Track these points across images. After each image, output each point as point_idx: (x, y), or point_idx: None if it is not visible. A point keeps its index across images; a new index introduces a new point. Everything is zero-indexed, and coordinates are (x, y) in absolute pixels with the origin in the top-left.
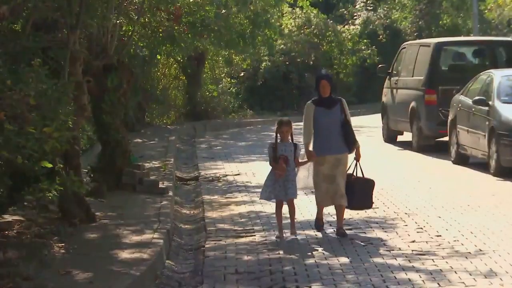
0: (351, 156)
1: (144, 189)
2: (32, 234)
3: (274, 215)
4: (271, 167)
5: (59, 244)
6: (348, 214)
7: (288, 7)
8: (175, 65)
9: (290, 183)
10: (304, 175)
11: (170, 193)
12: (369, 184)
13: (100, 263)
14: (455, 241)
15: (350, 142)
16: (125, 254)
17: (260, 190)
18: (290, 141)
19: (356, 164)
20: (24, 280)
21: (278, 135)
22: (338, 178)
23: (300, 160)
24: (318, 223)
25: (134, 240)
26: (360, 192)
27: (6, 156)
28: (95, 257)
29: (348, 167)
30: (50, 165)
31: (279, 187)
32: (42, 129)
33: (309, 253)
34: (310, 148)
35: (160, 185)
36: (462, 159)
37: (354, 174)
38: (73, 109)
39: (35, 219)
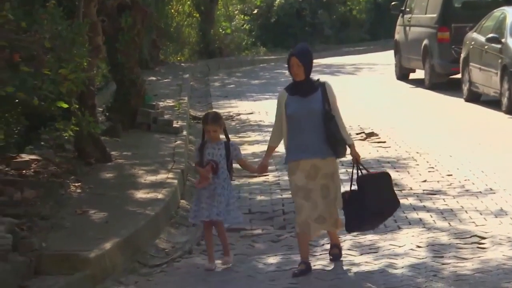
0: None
1: (158, 128)
2: (49, 174)
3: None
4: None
5: (76, 184)
6: (361, 153)
7: None
8: (188, 2)
9: (217, 200)
10: None
11: (184, 132)
12: (383, 180)
13: (115, 203)
14: (466, 180)
15: (335, 142)
16: (140, 194)
17: None
18: (224, 140)
19: (355, 166)
20: (41, 219)
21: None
22: (315, 195)
23: (246, 163)
24: (301, 269)
25: (149, 180)
26: (374, 194)
27: (23, 97)
28: (111, 196)
29: (337, 179)
30: (66, 106)
31: (206, 205)
32: (58, 70)
33: None
34: (285, 152)
35: (174, 124)
36: (474, 97)
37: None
38: (88, 50)
39: (51, 158)
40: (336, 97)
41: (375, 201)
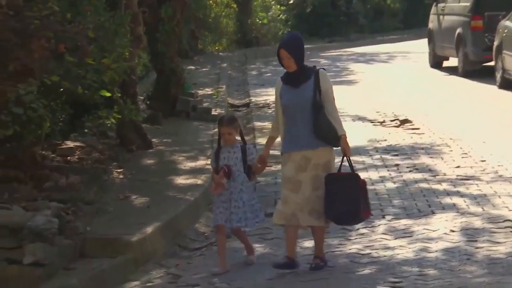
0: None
1: (197, 116)
2: (92, 160)
3: None
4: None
5: (118, 170)
6: (395, 140)
7: None
8: None
9: (234, 205)
10: None
11: None
12: (354, 182)
13: (156, 188)
14: (499, 166)
15: (322, 134)
16: (180, 180)
17: None
18: (241, 143)
19: (343, 160)
20: (85, 204)
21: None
22: (304, 187)
23: (257, 164)
24: (287, 262)
25: (188, 166)
26: (342, 192)
27: (67, 86)
28: (152, 182)
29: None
30: (108, 94)
31: (223, 209)
32: (101, 60)
33: None
34: (282, 143)
35: (213, 112)
36: (507, 84)
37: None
38: (130, 40)
39: (95, 145)
40: (330, 85)
41: (339, 201)
